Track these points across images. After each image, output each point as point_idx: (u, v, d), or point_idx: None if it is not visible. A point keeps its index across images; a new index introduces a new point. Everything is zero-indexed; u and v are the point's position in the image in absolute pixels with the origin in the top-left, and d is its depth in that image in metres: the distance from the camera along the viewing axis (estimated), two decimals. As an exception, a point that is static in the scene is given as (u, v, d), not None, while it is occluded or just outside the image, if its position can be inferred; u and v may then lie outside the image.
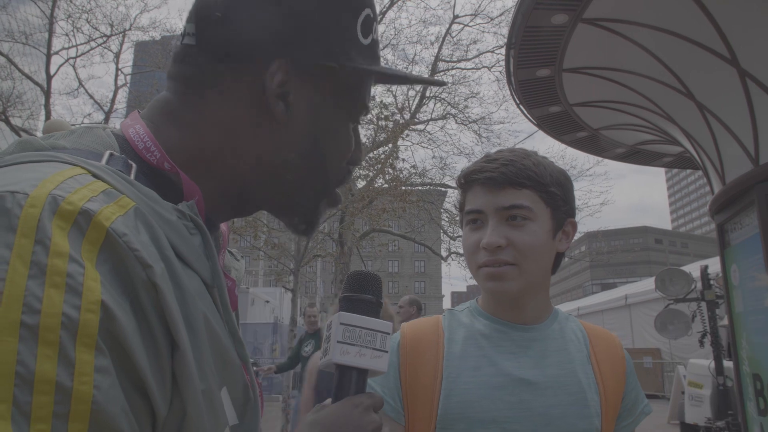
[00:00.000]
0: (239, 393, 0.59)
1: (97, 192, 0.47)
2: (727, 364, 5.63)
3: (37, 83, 16.55)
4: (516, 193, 1.09)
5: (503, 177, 1.09)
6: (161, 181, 0.59)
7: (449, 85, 16.72)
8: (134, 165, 0.57)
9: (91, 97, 18.15)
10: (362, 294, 0.74)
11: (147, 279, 0.45)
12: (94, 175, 0.50)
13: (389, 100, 16.42)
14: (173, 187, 0.60)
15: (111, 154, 0.56)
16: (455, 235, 17.58)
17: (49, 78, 16.06)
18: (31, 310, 0.38)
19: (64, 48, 16.98)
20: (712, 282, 5.74)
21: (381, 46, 0.77)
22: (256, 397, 0.63)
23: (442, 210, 17.70)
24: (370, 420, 0.66)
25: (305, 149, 0.68)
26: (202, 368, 0.51)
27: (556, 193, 1.12)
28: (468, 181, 1.15)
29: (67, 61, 16.96)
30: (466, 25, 17.07)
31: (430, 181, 16.87)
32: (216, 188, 0.65)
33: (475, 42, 19.48)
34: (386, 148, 14.41)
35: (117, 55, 17.53)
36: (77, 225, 0.43)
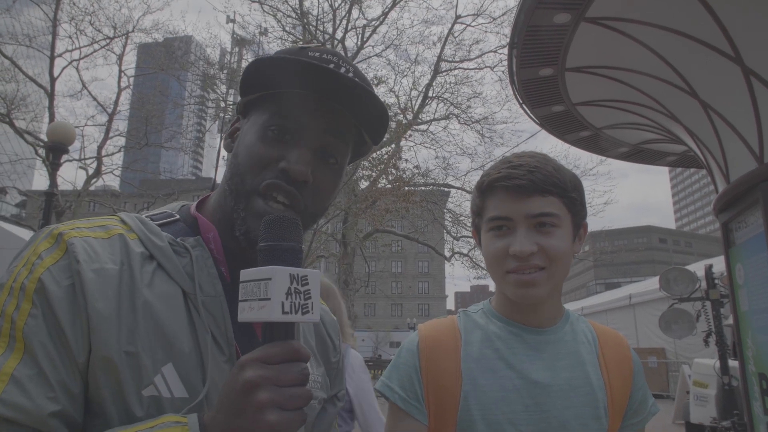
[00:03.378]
0: (189, 374, 0.77)
1: (93, 225, 0.82)
2: (733, 363, 5.60)
3: (40, 85, 16.61)
4: (543, 200, 1.09)
5: (531, 184, 1.09)
6: (195, 224, 0.91)
7: (452, 84, 16.69)
8: (178, 216, 0.92)
9: (95, 99, 18.17)
10: (278, 242, 0.70)
11: (76, 269, 0.74)
12: (121, 220, 0.86)
13: (392, 100, 16.43)
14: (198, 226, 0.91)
15: (169, 213, 0.93)
16: (458, 235, 17.56)
17: (53, 80, 16.12)
18: (15, 280, 0.73)
19: (67, 50, 17.05)
20: (716, 281, 5.72)
21: (350, 51, 0.88)
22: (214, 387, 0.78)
23: (445, 210, 17.69)
24: (239, 378, 0.64)
25: (230, 163, 0.90)
26: (133, 335, 0.74)
27: (576, 198, 1.13)
28: (492, 187, 1.14)
29: (70, 63, 17.03)
30: (469, 25, 17.08)
31: (433, 181, 16.87)
32: (222, 225, 0.90)
33: (477, 42, 19.46)
34: (389, 148, 14.42)
35: (120, 57, 17.57)
36: (56, 240, 0.77)
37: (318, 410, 0.98)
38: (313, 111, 0.88)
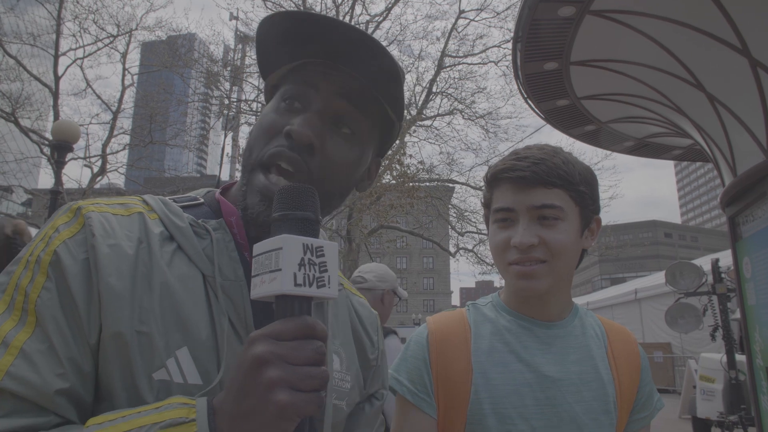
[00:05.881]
0: (204, 359, 0.74)
1: (114, 203, 0.81)
2: (740, 357, 5.58)
3: (45, 84, 16.65)
4: (547, 192, 1.09)
5: (534, 176, 1.08)
6: (219, 208, 0.89)
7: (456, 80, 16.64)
8: (203, 200, 0.90)
9: (99, 97, 18.19)
10: (290, 211, 0.65)
11: (91, 242, 0.72)
12: (143, 200, 0.84)
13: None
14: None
15: (193, 196, 0.92)
16: (463, 230, 17.53)
17: (57, 79, 16.15)
18: (31, 254, 0.72)
19: (71, 49, 17.08)
20: (723, 275, 5.69)
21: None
22: (225, 373, 0.74)
23: (450, 206, 17.66)
24: (248, 355, 0.60)
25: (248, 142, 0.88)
26: (147, 315, 0.71)
27: (584, 192, 1.12)
28: (497, 178, 1.14)
29: (74, 61, 17.05)
30: (473, 20, 17.00)
31: (437, 176, 16.84)
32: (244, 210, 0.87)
33: (481, 37, 19.36)
34: (394, 144, 14.37)
35: (124, 55, 17.59)
36: (75, 214, 0.76)
37: (345, 413, 0.91)
38: (320, 73, 0.84)
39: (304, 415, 0.59)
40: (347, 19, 16.04)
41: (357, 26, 0.83)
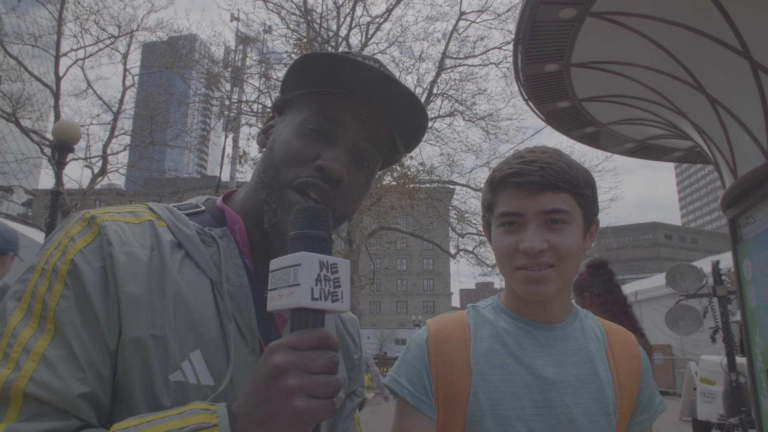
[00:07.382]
0: (215, 361, 0.78)
1: (124, 211, 0.84)
2: (740, 360, 5.57)
3: (46, 85, 16.67)
4: (555, 197, 1.08)
5: (544, 180, 1.07)
6: (221, 216, 0.93)
7: (457, 81, 16.65)
8: (204, 207, 0.94)
9: (100, 98, 18.23)
10: (307, 230, 0.70)
11: (108, 251, 0.75)
12: (149, 208, 0.87)
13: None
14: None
15: (195, 204, 0.96)
16: (463, 232, 17.54)
17: (58, 79, 16.17)
18: (47, 262, 0.74)
19: (72, 49, 17.12)
20: (723, 277, 5.69)
21: (364, 50, 0.87)
22: (239, 377, 0.78)
23: (450, 207, 17.68)
24: (268, 363, 0.64)
25: (265, 157, 0.91)
26: (161, 319, 0.74)
27: (588, 195, 1.12)
28: (503, 182, 1.12)
29: (75, 62, 17.08)
30: (473, 22, 17.03)
31: (438, 178, 16.85)
32: (250, 218, 0.92)
33: (482, 39, 19.37)
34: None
35: (125, 56, 17.61)
36: (89, 223, 0.78)
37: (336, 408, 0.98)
38: (354, 113, 0.88)
39: (319, 420, 0.63)
40: (348, 20, 16.07)
41: (398, 80, 0.87)
